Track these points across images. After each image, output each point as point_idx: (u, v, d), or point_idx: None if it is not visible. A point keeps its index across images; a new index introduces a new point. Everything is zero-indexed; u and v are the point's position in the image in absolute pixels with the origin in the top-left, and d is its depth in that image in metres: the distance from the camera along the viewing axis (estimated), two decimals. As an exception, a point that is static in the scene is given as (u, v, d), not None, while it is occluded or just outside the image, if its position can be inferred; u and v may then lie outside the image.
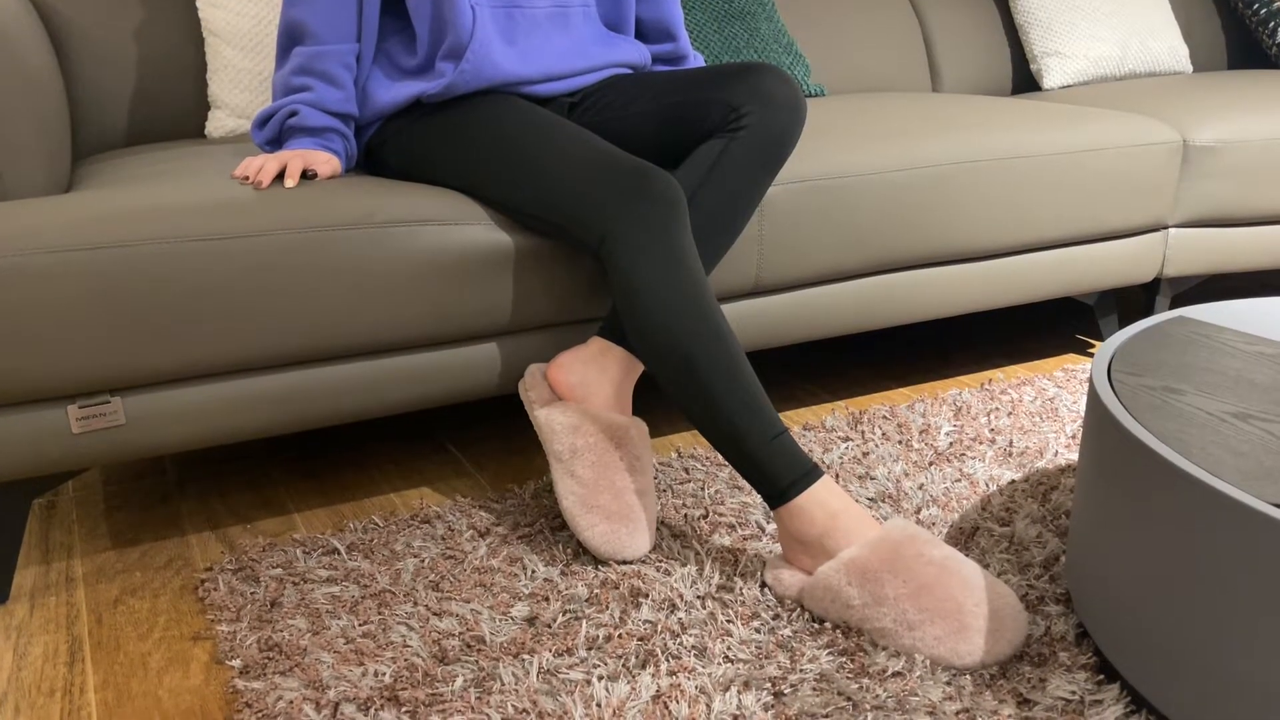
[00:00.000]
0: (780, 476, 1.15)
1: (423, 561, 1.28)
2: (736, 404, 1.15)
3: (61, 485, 1.52)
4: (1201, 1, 2.69)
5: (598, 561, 1.26)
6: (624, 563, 1.25)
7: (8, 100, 1.23)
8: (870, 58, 2.36)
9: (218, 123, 1.69)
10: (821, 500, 1.14)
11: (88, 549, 1.36)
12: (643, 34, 1.61)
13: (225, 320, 1.21)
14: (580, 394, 1.30)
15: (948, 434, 1.61)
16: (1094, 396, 1.06)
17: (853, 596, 1.08)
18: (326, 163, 1.33)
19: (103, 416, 1.18)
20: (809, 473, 1.15)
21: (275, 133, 1.37)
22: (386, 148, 1.43)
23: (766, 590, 1.19)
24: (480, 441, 1.68)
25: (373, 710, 1.01)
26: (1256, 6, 2.59)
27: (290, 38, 1.36)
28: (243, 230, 1.20)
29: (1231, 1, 2.68)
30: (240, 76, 1.70)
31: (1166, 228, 1.88)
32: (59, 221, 1.13)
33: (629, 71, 1.53)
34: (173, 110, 1.72)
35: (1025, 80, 2.50)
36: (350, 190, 1.28)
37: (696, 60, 1.67)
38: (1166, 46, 2.47)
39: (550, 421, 1.28)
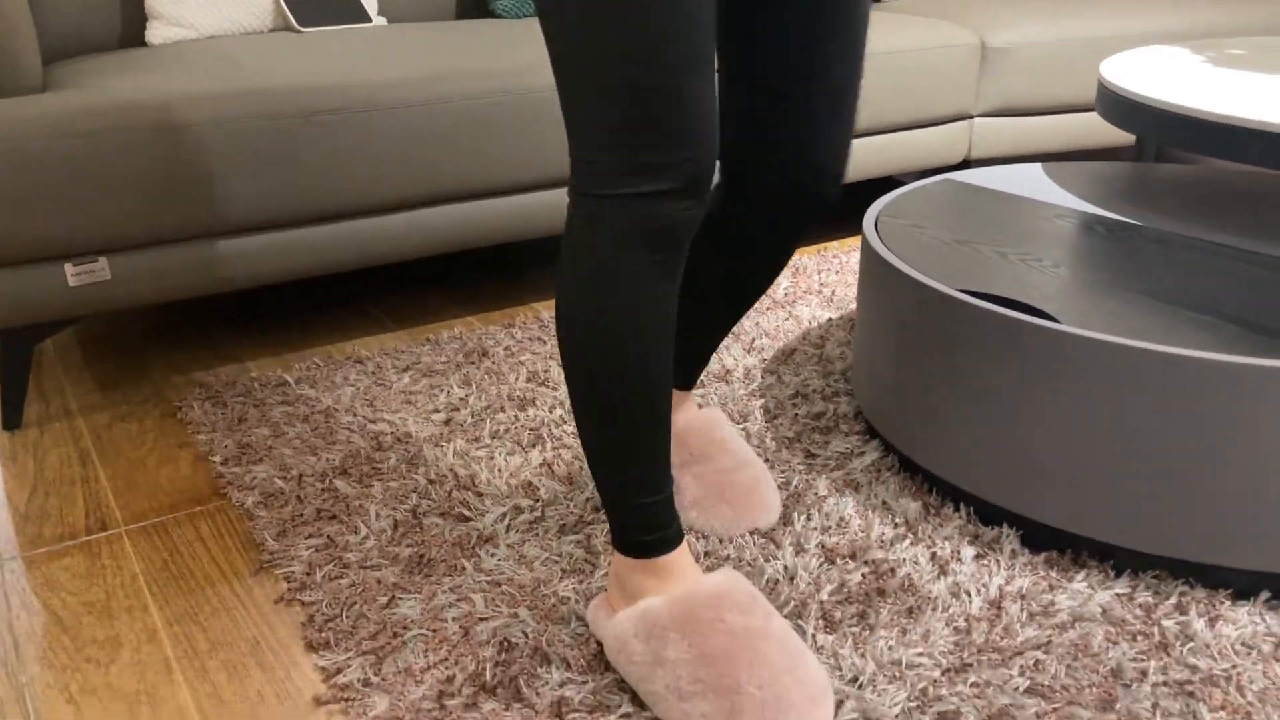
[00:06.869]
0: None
1: (358, 389, 1.61)
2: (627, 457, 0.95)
3: (57, 333, 1.79)
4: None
5: (505, 378, 1.60)
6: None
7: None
8: None
9: (156, 31, 1.93)
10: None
11: (77, 390, 1.65)
12: None
13: (194, 194, 1.49)
14: None
15: (785, 289, 1.98)
16: (863, 234, 1.43)
17: (635, 651, 0.96)
18: None
19: (92, 273, 1.47)
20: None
21: None
22: None
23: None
24: (397, 304, 1.99)
25: (329, 479, 1.34)
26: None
27: None
28: (206, 119, 1.48)
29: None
30: (170, -9, 1.93)
31: (971, 117, 2.26)
32: (54, 112, 1.40)
33: None
34: (114, 21, 1.96)
35: (871, -9, 2.83)
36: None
37: None
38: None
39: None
